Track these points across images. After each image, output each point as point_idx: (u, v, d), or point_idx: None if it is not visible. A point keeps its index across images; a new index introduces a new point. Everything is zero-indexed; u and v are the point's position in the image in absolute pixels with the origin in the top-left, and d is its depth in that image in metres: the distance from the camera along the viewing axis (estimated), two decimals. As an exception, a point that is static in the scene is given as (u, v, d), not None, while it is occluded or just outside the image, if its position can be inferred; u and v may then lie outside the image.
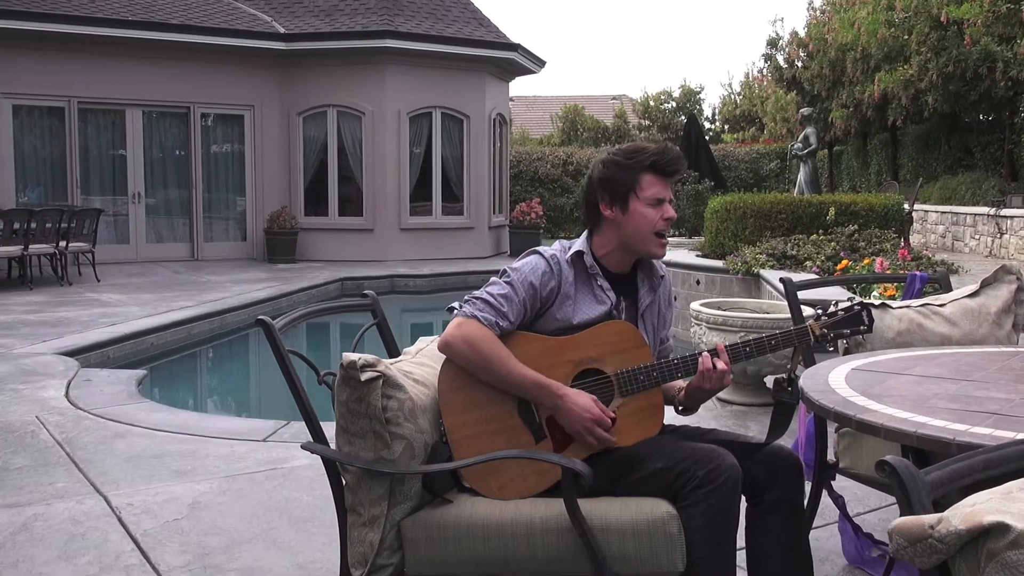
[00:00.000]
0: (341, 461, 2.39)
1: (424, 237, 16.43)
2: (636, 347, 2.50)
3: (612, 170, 2.56)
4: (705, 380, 2.48)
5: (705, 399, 2.59)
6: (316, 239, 16.09)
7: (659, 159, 2.54)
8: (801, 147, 14.00)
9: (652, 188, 2.54)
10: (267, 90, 16.14)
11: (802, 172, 13.98)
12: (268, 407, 7.40)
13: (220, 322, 9.91)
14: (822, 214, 10.13)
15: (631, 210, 2.54)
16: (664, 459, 2.35)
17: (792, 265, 9.08)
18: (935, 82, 16.32)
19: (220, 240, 16.25)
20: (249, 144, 16.16)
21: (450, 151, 16.90)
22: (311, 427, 2.44)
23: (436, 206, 16.75)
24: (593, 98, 39.37)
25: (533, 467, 2.39)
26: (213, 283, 12.43)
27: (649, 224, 2.54)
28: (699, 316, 5.84)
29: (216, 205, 16.29)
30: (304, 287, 12.35)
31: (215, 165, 16.18)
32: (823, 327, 2.56)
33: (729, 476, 2.26)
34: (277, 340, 2.38)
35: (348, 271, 14.18)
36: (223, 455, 4.75)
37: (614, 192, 2.55)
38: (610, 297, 2.56)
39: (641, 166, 2.54)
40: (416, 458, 2.36)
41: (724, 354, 2.49)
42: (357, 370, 2.28)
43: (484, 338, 2.40)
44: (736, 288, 9.45)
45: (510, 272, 2.53)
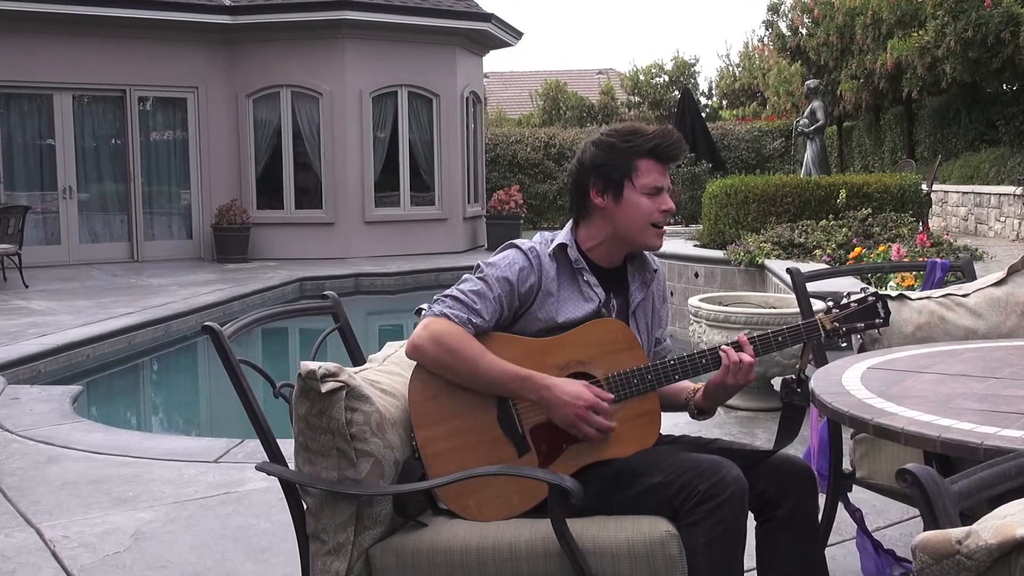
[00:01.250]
0: (301, 483, 2.38)
1: (391, 231, 16.40)
2: (628, 348, 2.49)
3: (606, 153, 2.54)
4: (730, 375, 2.48)
5: (726, 398, 2.59)
6: (270, 235, 16.03)
7: (659, 143, 2.52)
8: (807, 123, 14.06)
9: (650, 175, 2.53)
10: (212, 70, 16.05)
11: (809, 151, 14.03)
12: (220, 424, 7.36)
13: (164, 330, 9.86)
14: (832, 197, 10.17)
15: (625, 199, 2.53)
16: (662, 472, 2.35)
17: (800, 254, 9.11)
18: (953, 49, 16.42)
19: (163, 238, 16.16)
20: (193, 130, 16.07)
21: (419, 134, 16.87)
22: (267, 445, 2.42)
23: (404, 196, 16.72)
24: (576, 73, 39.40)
25: (516, 484, 2.38)
26: (156, 287, 12.36)
27: (645, 215, 2.53)
28: (698, 312, 5.86)
29: (157, 199, 16.20)
30: (258, 289, 12.30)
31: (155, 155, 16.08)
32: (834, 320, 2.57)
33: (734, 490, 2.26)
34: (226, 349, 2.36)
35: (307, 270, 14.14)
36: (170, 479, 4.71)
37: (607, 178, 2.54)
38: (598, 294, 2.56)
39: (639, 150, 2.52)
40: (385, 477, 2.35)
41: (748, 346, 2.49)
42: (317, 380, 2.27)
43: (454, 334, 2.39)
44: (739, 281, 9.48)
45: (484, 267, 2.52)
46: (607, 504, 2.39)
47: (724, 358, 2.48)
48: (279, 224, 16.12)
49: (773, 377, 5.76)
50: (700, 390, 2.62)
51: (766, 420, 5.49)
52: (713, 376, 2.55)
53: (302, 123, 16.18)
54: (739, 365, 2.48)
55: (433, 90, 16.78)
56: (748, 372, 2.49)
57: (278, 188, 16.25)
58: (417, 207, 16.90)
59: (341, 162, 16.02)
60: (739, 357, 2.48)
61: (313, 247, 15.89)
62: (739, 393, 5.70)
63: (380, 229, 16.34)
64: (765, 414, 5.61)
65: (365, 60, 16.05)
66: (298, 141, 16.22)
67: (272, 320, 2.73)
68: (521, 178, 23.07)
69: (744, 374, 2.48)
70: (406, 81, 16.51)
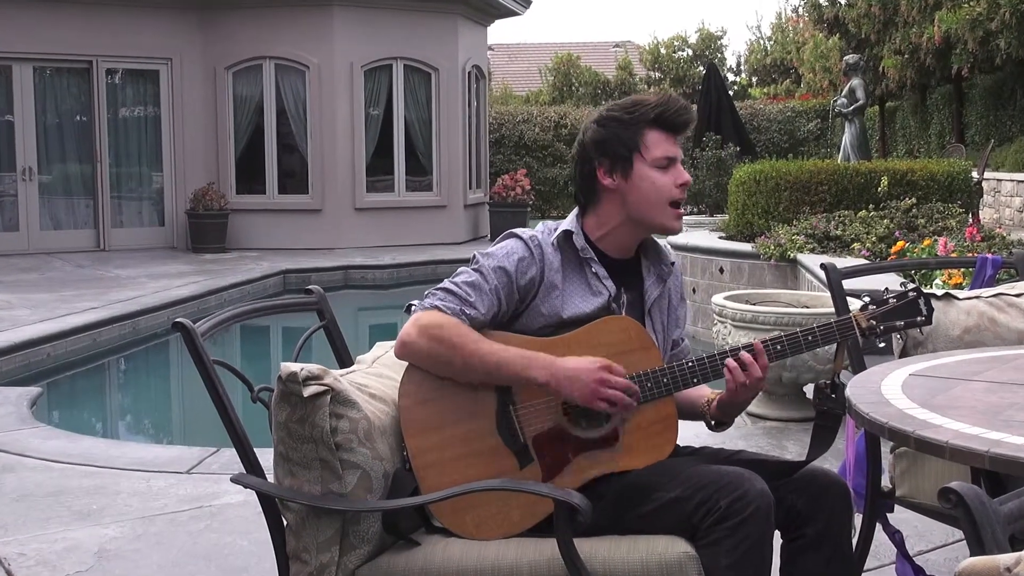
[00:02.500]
0: (281, 497, 2.38)
1: (384, 219, 16.41)
2: (642, 348, 2.49)
3: (609, 128, 2.56)
4: (739, 389, 2.48)
5: (739, 410, 2.59)
6: (251, 223, 16.04)
7: (665, 109, 2.55)
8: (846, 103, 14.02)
9: (660, 147, 2.55)
10: (188, 39, 16.06)
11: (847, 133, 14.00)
12: (192, 432, 7.37)
13: (133, 327, 9.87)
14: (872, 185, 10.15)
15: (637, 175, 2.54)
16: (680, 486, 2.35)
17: (837, 248, 9.10)
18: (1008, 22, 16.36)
19: (132, 225, 16.17)
20: (166, 106, 16.08)
21: (415, 112, 16.87)
22: (243, 456, 2.42)
23: (399, 181, 16.72)
24: (591, 46, 39.37)
25: (518, 499, 2.38)
26: (124, 279, 12.37)
27: (661, 191, 2.54)
28: (723, 312, 5.85)
29: (127, 182, 16.21)
30: (237, 282, 12.30)
31: (124, 133, 16.09)
32: (871, 318, 2.56)
33: (759, 505, 2.26)
34: (199, 348, 2.36)
35: (291, 261, 14.15)
36: (137, 491, 4.72)
37: (614, 155, 2.55)
38: (607, 287, 2.56)
39: (644, 120, 2.54)
40: (374, 491, 2.35)
41: (762, 355, 2.48)
42: (299, 383, 2.27)
43: (446, 324, 2.40)
44: (768, 277, 9.47)
45: (480, 258, 2.53)
46: (619, 522, 2.39)
47: (727, 365, 2.48)
48: (260, 211, 16.14)
49: (805, 384, 5.76)
50: (715, 401, 2.62)
51: (797, 431, 5.48)
52: (723, 394, 2.55)
53: (287, 99, 16.18)
54: (743, 373, 2.46)
55: (431, 63, 16.78)
56: (756, 384, 2.48)
57: (260, 171, 16.25)
58: (413, 193, 16.90)
59: (330, 143, 16.02)
60: (742, 364, 2.47)
61: (298, 236, 15.90)
62: (768, 401, 5.77)
63: (372, 217, 16.34)
64: (796, 425, 5.60)
65: (357, 30, 16.05)
66: (282, 119, 16.22)
67: (251, 317, 2.73)
68: (528, 161, 23.07)
69: (751, 387, 2.48)
70: (402, 53, 16.50)
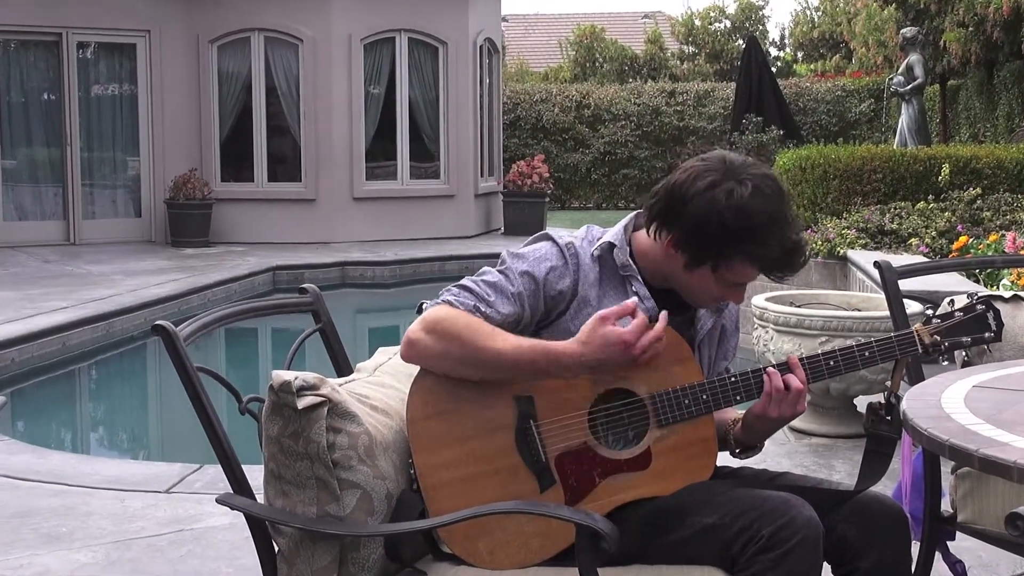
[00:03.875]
0: (272, 520, 2.38)
1: (386, 210, 16.41)
2: (679, 361, 2.49)
3: (713, 222, 2.39)
4: (772, 405, 2.48)
5: (771, 432, 2.59)
6: (238, 214, 16.06)
7: (779, 264, 2.46)
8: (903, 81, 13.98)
9: (741, 276, 2.48)
10: (168, 10, 16.09)
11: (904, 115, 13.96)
12: (173, 447, 7.39)
13: (106, 329, 9.89)
14: (932, 173, 10.12)
15: (698, 274, 2.49)
16: (717, 512, 2.35)
17: (892, 244, 9.07)
18: (1086, -10, 16.27)
19: (106, 216, 16.21)
20: (144, 84, 16.10)
21: (421, 91, 16.86)
22: (230, 473, 2.43)
23: (402, 167, 16.72)
24: (617, 17, 39.32)
25: (537, 525, 2.39)
26: (97, 276, 12.40)
27: (710, 295, 2.53)
28: (764, 315, 5.84)
29: (100, 169, 16.24)
30: (222, 280, 12.32)
31: (97, 114, 16.13)
32: (934, 333, 2.56)
33: (807, 535, 2.26)
34: (181, 354, 2.37)
35: (282, 257, 14.16)
36: (112, 513, 4.73)
37: (693, 248, 2.45)
38: (649, 308, 2.51)
39: (752, 254, 2.43)
40: (375, 514, 2.36)
41: (799, 369, 2.48)
42: (292, 394, 2.28)
43: (456, 316, 2.40)
44: (815, 276, 9.44)
45: (507, 258, 2.52)
46: (649, 550, 2.40)
47: (766, 382, 2.47)
48: (248, 200, 16.15)
49: (856, 396, 5.74)
50: (740, 422, 2.62)
51: (848, 449, 5.46)
52: (754, 405, 2.54)
53: (278, 76, 16.19)
54: (783, 394, 2.46)
55: (439, 36, 16.78)
56: (796, 402, 2.48)
57: (247, 156, 16.27)
58: (418, 181, 16.89)
59: (325, 125, 16.03)
60: (784, 381, 2.47)
61: (290, 229, 15.91)
62: (815, 415, 5.76)
63: (372, 208, 16.35)
64: (847, 442, 5.59)
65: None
66: (272, 98, 16.23)
67: (239, 319, 2.73)
68: (547, 146, 23.04)
69: (791, 404, 2.48)
70: (406, 25, 16.51)
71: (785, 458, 5.30)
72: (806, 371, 2.50)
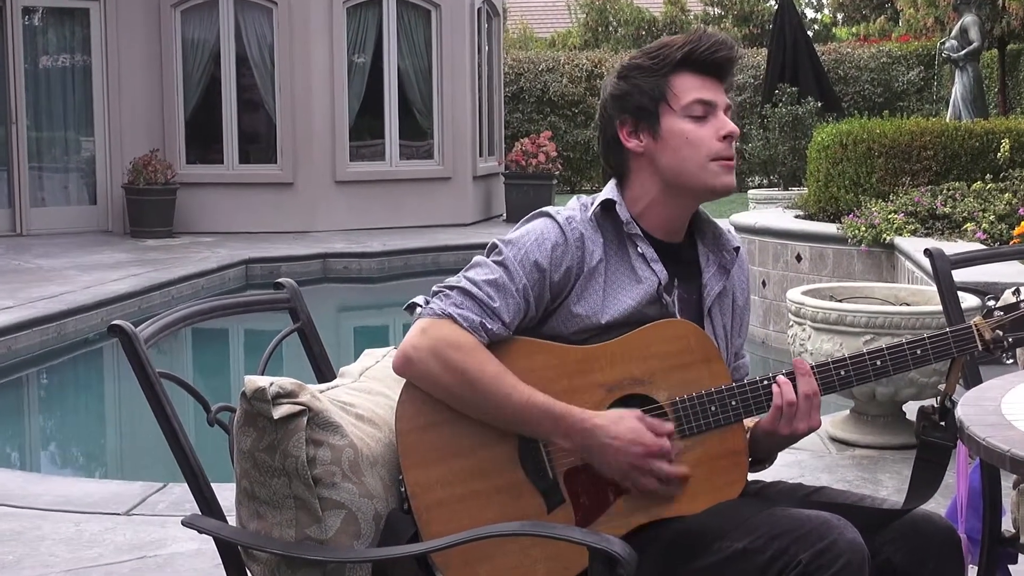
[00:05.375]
0: (245, 544, 2.38)
1: (373, 195, 16.41)
2: (704, 361, 2.49)
3: (631, 80, 2.59)
4: (782, 421, 2.48)
5: (780, 448, 2.60)
6: (205, 200, 16.07)
7: (694, 47, 2.56)
8: (957, 46, 13.98)
9: (692, 92, 2.55)
10: (125, -31, 16.09)
11: (958, 85, 13.95)
12: (134, 463, 7.39)
13: (58, 331, 9.89)
14: (990, 149, 10.10)
15: (666, 131, 2.55)
16: (749, 535, 2.35)
17: (945, 230, 9.05)
18: None
19: (56, 204, 16.21)
20: (99, 54, 16.10)
21: (412, 60, 16.86)
22: (197, 492, 2.42)
23: (391, 146, 16.72)
24: (633, -25, 39.22)
25: (545, 549, 2.38)
26: (47, 271, 12.41)
27: (698, 146, 2.55)
28: (801, 310, 5.84)
29: (49, 150, 16.25)
30: (188, 275, 12.32)
31: (47, 88, 16.13)
32: (996, 328, 2.55)
33: (850, 560, 2.26)
34: (142, 357, 2.37)
35: (256, 249, 14.17)
36: (65, 538, 4.72)
37: (636, 110, 2.57)
38: (657, 272, 2.55)
39: (670, 63, 2.57)
40: (362, 537, 2.35)
41: (809, 377, 2.48)
42: (268, 402, 2.28)
43: (464, 347, 2.40)
44: (858, 267, 9.44)
45: (503, 247, 2.52)
46: (671, 577, 2.39)
47: (776, 395, 2.47)
48: (217, 184, 16.16)
49: (906, 401, 5.73)
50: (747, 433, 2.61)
51: (895, 462, 5.46)
52: (761, 420, 2.55)
53: (250, 44, 16.19)
54: (792, 407, 2.46)
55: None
56: (808, 416, 2.48)
57: (216, 135, 16.28)
58: (409, 162, 16.90)
59: (303, 99, 16.03)
60: (792, 394, 2.47)
61: (264, 217, 15.92)
62: (858, 424, 5.76)
63: (357, 192, 16.35)
64: (895, 453, 5.58)
65: (337, -44, 16.08)
66: (244, 69, 16.24)
67: (207, 318, 2.73)
68: (554, 121, 23.05)
69: (803, 417, 2.48)
70: (394, -14, 16.53)
71: (825, 472, 5.30)
72: (848, 373, 2.48)
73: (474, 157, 17.47)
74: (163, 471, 5.35)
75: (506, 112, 21.06)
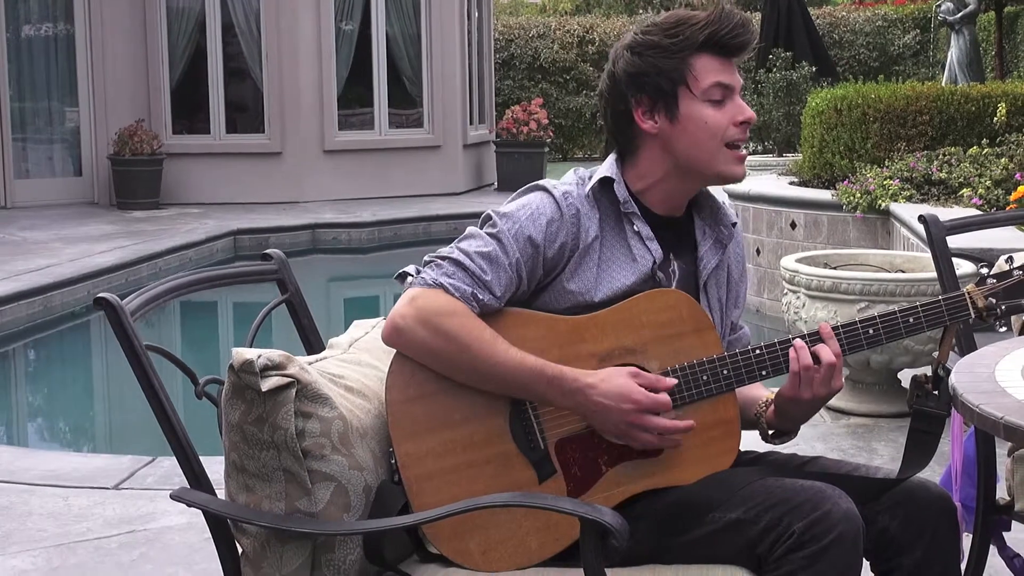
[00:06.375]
0: (234, 518, 2.39)
1: (362, 164, 16.38)
2: (695, 331, 2.49)
3: (646, 57, 2.55)
4: (803, 386, 2.48)
5: (808, 416, 2.59)
6: (192, 170, 16.03)
7: (717, 28, 2.54)
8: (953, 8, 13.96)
9: (711, 75, 2.54)
10: (108, -64, 16.01)
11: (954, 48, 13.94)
12: (122, 436, 7.40)
13: (44, 304, 9.89)
14: (987, 114, 10.09)
15: (684, 115, 2.53)
16: (742, 505, 2.36)
17: (941, 195, 9.06)
18: None
19: (40, 175, 16.17)
20: (82, 23, 16.03)
21: (400, 26, 16.81)
22: (186, 466, 2.42)
23: (380, 115, 16.68)
24: (624, -61, 39.09)
25: (536, 520, 2.39)
26: (32, 243, 12.39)
27: (715, 132, 2.54)
28: (795, 278, 5.84)
29: (32, 121, 16.19)
30: (175, 246, 12.32)
31: (29, 57, 16.05)
32: (989, 295, 2.55)
33: (844, 530, 2.27)
34: (128, 330, 2.36)
35: (244, 220, 14.16)
36: (53, 512, 4.73)
37: (655, 90, 2.54)
38: (652, 250, 2.55)
39: (691, 44, 2.53)
40: (352, 510, 2.36)
41: (833, 339, 2.48)
42: (256, 374, 2.28)
43: (453, 312, 2.40)
44: (853, 233, 9.44)
45: (497, 219, 2.51)
46: (663, 549, 2.40)
47: (793, 358, 2.47)
48: (204, 155, 16.12)
49: (901, 369, 5.75)
50: (772, 404, 2.62)
51: (890, 430, 5.48)
52: (783, 387, 2.54)
53: (235, 11, 16.13)
54: (813, 371, 2.46)
55: (420, -36, 16.74)
56: (830, 378, 2.48)
57: (202, 104, 16.23)
58: (398, 130, 16.86)
59: (291, 67, 15.98)
60: (812, 355, 2.47)
61: (252, 187, 15.89)
62: (853, 392, 5.78)
63: (346, 161, 16.32)
64: (890, 422, 5.61)
65: (324, -79, 16.01)
66: (230, 37, 16.18)
67: (194, 289, 2.72)
68: (545, 88, 23.00)
69: (824, 382, 2.48)
70: (382, -49, 16.46)
71: (819, 441, 5.31)
72: (841, 341, 2.49)
73: (464, 125, 17.44)
74: (152, 445, 5.35)
75: (497, 79, 21.00)
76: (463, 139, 17.36)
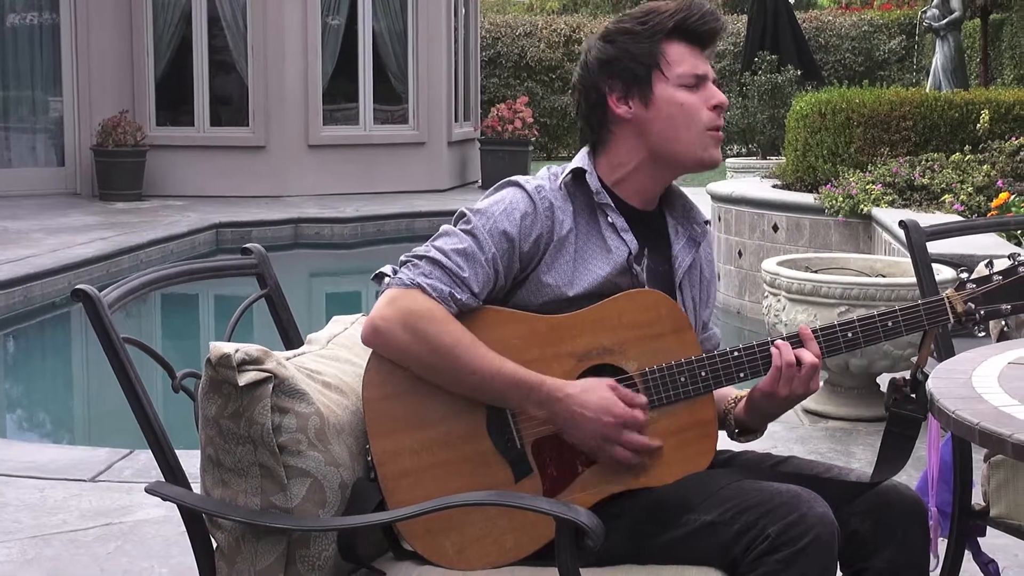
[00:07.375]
0: (209, 512, 2.39)
1: (347, 159, 16.36)
2: (674, 331, 2.50)
3: (620, 44, 2.58)
4: (782, 383, 2.49)
5: (778, 413, 2.60)
6: (176, 163, 16.00)
7: (686, 16, 2.57)
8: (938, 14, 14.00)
9: (684, 61, 2.57)
10: (95, -74, 15.96)
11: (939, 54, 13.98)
12: (99, 429, 7.38)
13: (23, 295, 9.85)
14: (970, 120, 10.13)
15: (659, 99, 2.56)
16: (717, 508, 2.37)
17: (923, 201, 9.08)
18: None
19: (22, 165, 16.12)
20: (67, 12, 15.98)
21: (386, 22, 16.78)
22: (162, 459, 2.42)
23: (365, 110, 16.66)
24: (613, -62, 39.10)
25: (512, 519, 2.39)
26: (12, 233, 12.35)
27: (690, 114, 2.56)
28: (776, 281, 5.85)
29: (15, 110, 16.13)
30: (157, 239, 12.29)
31: (13, 46, 16.00)
32: (969, 300, 2.56)
33: (819, 534, 2.27)
34: (105, 322, 2.36)
35: (227, 213, 14.13)
36: (29, 504, 4.72)
37: (628, 75, 2.56)
38: (627, 241, 2.56)
39: (660, 30, 2.57)
40: (328, 506, 2.36)
41: (813, 341, 2.50)
42: (233, 368, 2.27)
43: (432, 316, 2.40)
44: (835, 237, 9.47)
45: (471, 216, 2.51)
46: (638, 550, 2.41)
47: (775, 356, 2.49)
48: (188, 147, 16.08)
49: (880, 374, 5.76)
50: (743, 399, 2.63)
51: (868, 434, 5.50)
52: (760, 382, 2.55)
53: (222, 4, 16.09)
54: (794, 369, 2.48)
55: (408, -40, 16.73)
56: (809, 379, 2.49)
57: (187, 96, 16.19)
58: (383, 126, 16.84)
59: (276, 61, 15.95)
60: (795, 357, 2.48)
61: (236, 180, 15.86)
62: (831, 396, 5.79)
63: (331, 156, 16.30)
64: (868, 426, 5.62)
65: (312, -85, 15.98)
66: (216, 30, 16.14)
67: (174, 282, 2.73)
68: (531, 87, 23.00)
69: (803, 381, 2.49)
70: (370, -54, 16.44)
71: (797, 444, 5.32)
72: (821, 344, 2.50)
73: (449, 122, 17.43)
74: (129, 437, 5.33)
75: (482, 77, 20.99)
76: (448, 136, 17.35)
